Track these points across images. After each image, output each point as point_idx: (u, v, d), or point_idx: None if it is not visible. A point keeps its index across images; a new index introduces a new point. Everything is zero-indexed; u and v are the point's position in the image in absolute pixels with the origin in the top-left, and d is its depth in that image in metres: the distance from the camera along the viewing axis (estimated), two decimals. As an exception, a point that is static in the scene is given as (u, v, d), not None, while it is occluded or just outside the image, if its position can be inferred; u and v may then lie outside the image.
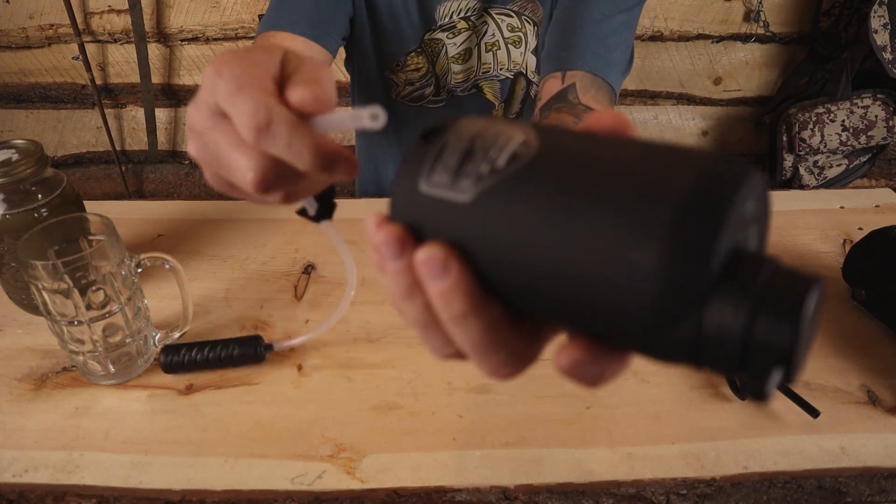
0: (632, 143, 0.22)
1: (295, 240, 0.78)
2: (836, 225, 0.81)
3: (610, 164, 0.21)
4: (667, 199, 0.19)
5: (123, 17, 1.62)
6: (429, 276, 0.23)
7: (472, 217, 0.23)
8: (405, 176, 0.25)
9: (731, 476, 0.50)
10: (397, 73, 0.85)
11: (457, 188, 0.23)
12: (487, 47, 0.82)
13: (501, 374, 0.25)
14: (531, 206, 0.22)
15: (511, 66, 0.84)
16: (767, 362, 0.19)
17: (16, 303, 0.66)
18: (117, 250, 0.54)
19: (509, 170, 0.23)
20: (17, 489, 0.49)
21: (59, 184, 0.62)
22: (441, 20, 0.81)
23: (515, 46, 0.83)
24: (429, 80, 0.85)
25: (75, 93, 1.76)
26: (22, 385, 0.58)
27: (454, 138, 0.25)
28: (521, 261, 0.22)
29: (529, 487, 0.49)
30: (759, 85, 1.76)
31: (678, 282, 0.19)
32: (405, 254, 0.24)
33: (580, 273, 0.21)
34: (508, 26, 0.82)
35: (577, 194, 0.21)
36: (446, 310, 0.24)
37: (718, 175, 0.20)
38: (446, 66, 0.83)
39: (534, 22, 0.82)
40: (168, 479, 0.49)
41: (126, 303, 0.55)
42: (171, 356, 0.58)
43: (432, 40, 0.82)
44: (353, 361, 0.60)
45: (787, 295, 0.19)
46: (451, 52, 0.83)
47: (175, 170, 1.90)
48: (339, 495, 0.48)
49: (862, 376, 0.58)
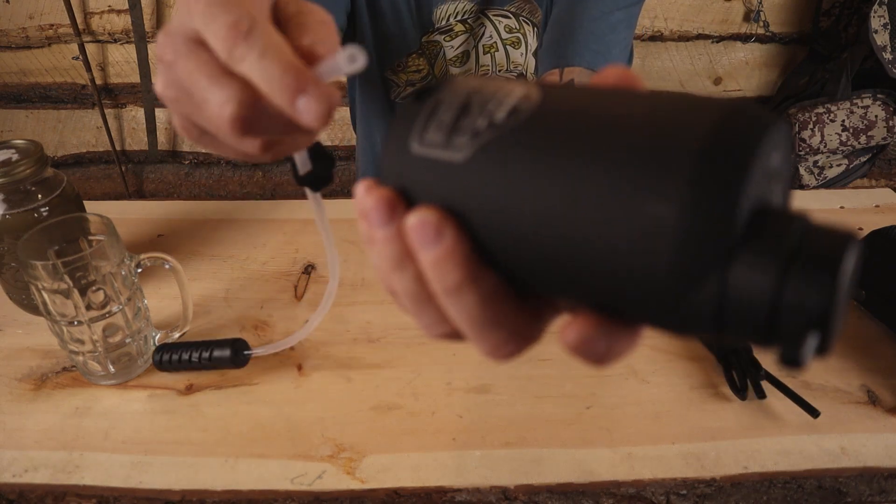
0: (641, 94, 0.20)
1: (295, 240, 0.78)
2: (836, 225, 0.81)
3: (619, 115, 0.19)
4: (685, 147, 0.17)
5: (123, 17, 1.62)
6: (421, 242, 0.21)
7: (468, 177, 0.21)
8: (396, 136, 0.23)
9: (731, 476, 0.50)
10: (398, 74, 0.85)
11: (452, 146, 0.21)
12: (485, 49, 0.82)
13: (501, 354, 0.23)
14: (533, 162, 0.20)
15: (511, 67, 0.84)
16: (802, 326, 0.17)
17: (16, 303, 0.66)
18: (117, 250, 0.54)
19: (509, 124, 0.20)
20: (17, 489, 0.49)
21: (59, 184, 0.62)
22: (438, 23, 0.81)
23: (514, 47, 0.83)
24: (429, 81, 0.85)
25: (75, 93, 1.76)
26: (22, 385, 0.58)
27: (449, 95, 0.22)
28: (522, 223, 0.20)
29: (529, 487, 0.49)
30: (759, 85, 1.76)
31: (699, 237, 0.17)
32: (395, 219, 0.22)
33: (588, 233, 0.18)
34: (506, 28, 0.82)
35: (584, 147, 0.19)
36: (440, 280, 0.22)
37: (741, 120, 0.18)
38: (445, 69, 0.83)
39: (533, 23, 0.82)
40: (168, 479, 0.49)
41: (126, 303, 0.55)
42: (161, 354, 0.58)
43: (430, 42, 0.82)
44: (353, 361, 0.60)
45: (822, 252, 0.17)
46: (449, 55, 0.83)
47: (175, 170, 1.90)
48: (339, 495, 0.48)
49: (862, 376, 0.58)
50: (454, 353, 0.61)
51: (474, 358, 0.61)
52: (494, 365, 0.60)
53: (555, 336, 0.24)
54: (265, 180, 1.88)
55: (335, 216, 0.81)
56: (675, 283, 0.17)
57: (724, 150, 0.17)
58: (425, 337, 0.68)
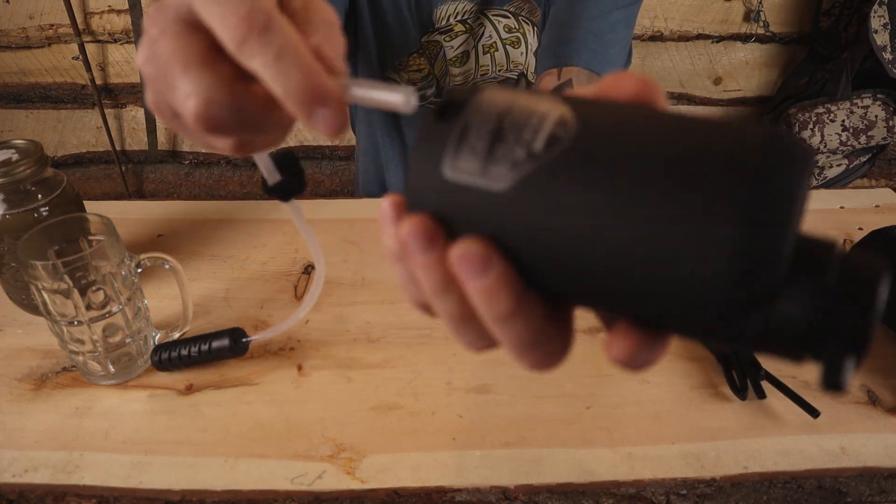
0: (673, 116, 0.21)
1: (295, 240, 0.78)
2: (836, 225, 0.81)
3: (662, 142, 0.20)
4: (738, 178, 0.18)
5: (123, 17, 1.62)
6: (468, 273, 0.21)
7: (512, 207, 0.21)
8: (425, 159, 0.22)
9: (731, 476, 0.50)
10: (399, 73, 0.85)
11: (489, 175, 0.21)
12: (485, 49, 0.82)
13: (541, 368, 0.24)
14: (581, 193, 0.20)
15: (511, 66, 0.84)
16: (842, 351, 0.19)
17: (16, 303, 0.66)
18: (117, 250, 0.54)
19: (549, 155, 0.21)
20: (16, 489, 0.49)
21: (59, 184, 0.62)
22: (438, 23, 0.81)
23: (514, 47, 0.83)
24: (430, 81, 0.85)
25: (75, 93, 1.76)
26: (22, 385, 0.58)
27: (478, 116, 0.22)
28: (573, 252, 0.20)
29: (529, 487, 0.49)
30: (759, 85, 1.76)
31: (756, 266, 0.18)
32: (435, 247, 0.22)
33: (644, 263, 0.19)
34: (505, 27, 0.82)
35: (634, 178, 0.19)
36: (489, 309, 0.22)
37: (785, 152, 0.19)
38: (445, 69, 0.83)
39: (532, 23, 0.82)
40: (168, 479, 0.49)
41: (126, 303, 0.55)
42: (160, 353, 0.58)
43: (430, 42, 0.82)
44: (353, 361, 0.60)
45: (861, 285, 0.19)
46: (449, 55, 0.83)
47: (175, 170, 1.90)
48: (339, 495, 0.48)
49: (862, 376, 0.58)
50: (454, 353, 0.61)
51: (474, 358, 0.61)
52: (494, 365, 0.60)
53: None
54: (265, 180, 1.88)
55: (335, 216, 0.82)
56: (730, 309, 0.18)
57: (774, 185, 0.18)
58: (425, 337, 0.68)
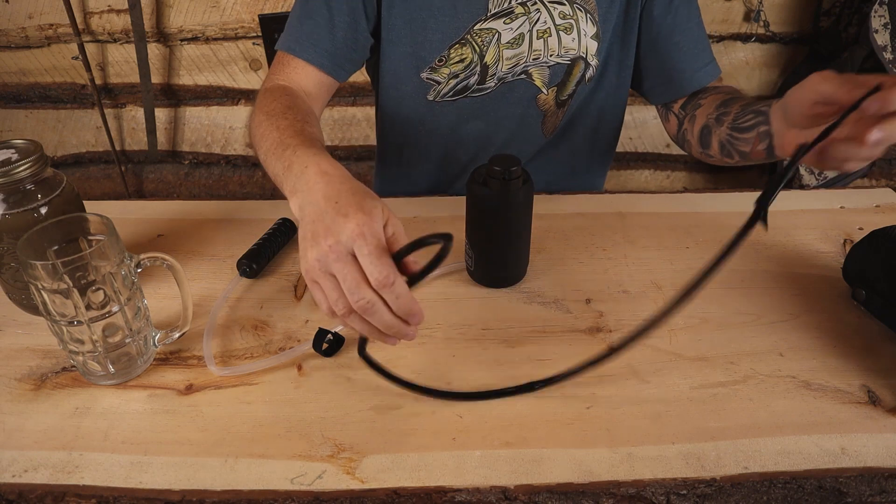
0: None
1: (294, 239, 0.78)
2: (836, 225, 0.81)
3: None
4: None
5: (123, 16, 1.62)
6: None
7: None
8: None
9: (731, 476, 0.49)
10: (440, 70, 0.85)
11: None
12: (539, 34, 0.84)
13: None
14: None
15: (562, 52, 0.85)
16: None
17: (15, 303, 0.66)
18: (117, 250, 0.54)
19: None
20: (16, 489, 0.49)
21: (58, 184, 0.62)
22: (495, 8, 0.82)
23: (567, 33, 0.84)
24: (473, 69, 0.85)
25: (75, 93, 1.76)
26: (22, 385, 0.58)
27: None
28: None
29: (529, 487, 0.49)
30: (759, 85, 1.76)
31: None
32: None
33: None
34: (560, 14, 0.84)
35: None
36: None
37: None
38: (497, 54, 0.84)
39: (586, 10, 0.84)
40: (168, 479, 0.49)
41: (126, 303, 0.55)
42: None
43: (482, 31, 0.82)
44: (353, 361, 0.60)
45: None
46: (506, 39, 0.83)
47: (175, 170, 1.90)
48: (339, 495, 0.48)
49: (862, 376, 0.58)
50: (454, 353, 0.61)
51: (474, 358, 0.61)
52: (494, 365, 0.60)
53: (554, 336, 0.24)
54: (265, 180, 1.88)
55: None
56: None
57: None
58: (425, 337, 0.68)
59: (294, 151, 0.59)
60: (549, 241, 0.78)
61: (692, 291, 0.49)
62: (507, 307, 0.67)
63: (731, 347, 0.62)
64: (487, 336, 0.63)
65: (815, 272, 0.72)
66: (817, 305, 0.67)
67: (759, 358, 0.60)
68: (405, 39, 0.84)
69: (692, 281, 0.49)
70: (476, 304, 0.67)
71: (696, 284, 0.49)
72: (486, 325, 0.65)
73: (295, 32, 0.80)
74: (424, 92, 0.88)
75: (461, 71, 0.85)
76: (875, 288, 0.63)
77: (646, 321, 0.51)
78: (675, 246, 0.77)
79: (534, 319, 0.65)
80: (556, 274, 0.72)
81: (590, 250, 0.76)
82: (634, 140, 1.85)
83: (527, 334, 0.63)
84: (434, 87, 0.87)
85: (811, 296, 0.69)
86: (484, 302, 0.67)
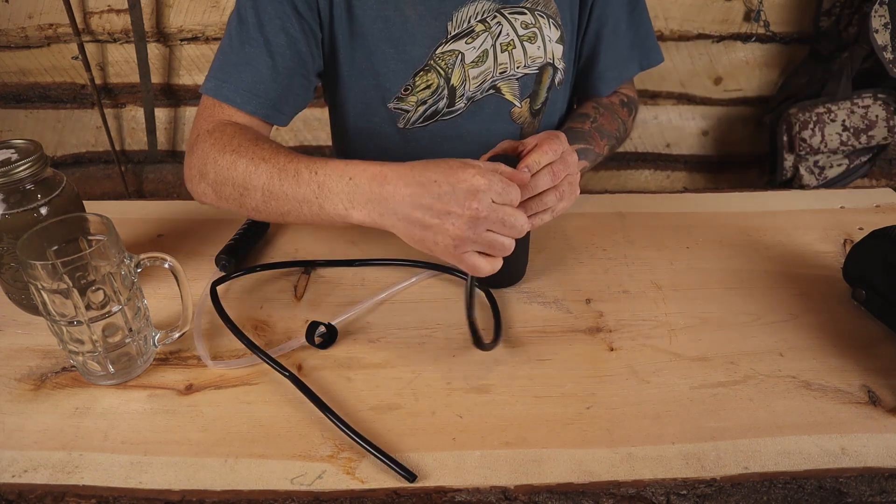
0: None
1: (295, 240, 0.78)
2: (836, 225, 0.81)
3: None
4: None
5: (123, 16, 1.61)
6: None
7: None
8: None
9: (731, 476, 0.49)
10: (406, 99, 0.83)
11: None
12: (503, 47, 0.82)
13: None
14: None
15: (528, 62, 0.84)
16: None
17: (15, 303, 0.66)
18: (117, 250, 0.54)
19: None
20: (16, 489, 0.49)
21: (58, 184, 0.62)
22: (455, 29, 0.80)
23: (531, 42, 0.83)
24: (441, 93, 0.84)
25: (75, 93, 1.76)
26: (21, 385, 0.58)
27: None
28: None
29: (529, 487, 0.49)
30: (759, 85, 1.76)
31: None
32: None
33: None
34: (522, 24, 0.82)
35: None
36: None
37: None
38: (464, 74, 0.82)
39: (548, 15, 0.83)
40: (167, 479, 0.49)
41: (126, 303, 0.55)
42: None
43: (444, 54, 0.81)
44: (352, 361, 0.60)
45: None
46: (470, 58, 0.81)
47: (175, 170, 1.90)
48: (338, 495, 0.48)
49: (862, 376, 0.58)
50: (454, 353, 0.61)
51: (474, 358, 0.61)
52: (494, 365, 0.60)
53: (555, 336, 0.24)
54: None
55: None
56: None
57: None
58: (425, 337, 0.68)
59: (314, 173, 0.57)
60: (549, 241, 0.78)
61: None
62: (507, 307, 0.67)
63: (731, 347, 0.62)
64: (488, 336, 0.62)
65: (815, 272, 0.72)
66: (817, 305, 0.67)
67: (759, 358, 0.60)
68: (367, 73, 0.82)
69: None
70: (476, 304, 0.67)
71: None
72: (487, 325, 0.65)
73: (232, 80, 0.73)
74: (393, 121, 0.85)
75: (429, 97, 0.83)
76: (875, 288, 0.63)
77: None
78: (675, 246, 0.77)
79: (534, 319, 0.65)
80: (556, 274, 0.72)
81: (590, 250, 0.76)
82: (634, 140, 1.85)
83: (527, 334, 0.63)
84: (403, 116, 0.85)
85: (811, 296, 0.69)
86: (484, 302, 0.67)
